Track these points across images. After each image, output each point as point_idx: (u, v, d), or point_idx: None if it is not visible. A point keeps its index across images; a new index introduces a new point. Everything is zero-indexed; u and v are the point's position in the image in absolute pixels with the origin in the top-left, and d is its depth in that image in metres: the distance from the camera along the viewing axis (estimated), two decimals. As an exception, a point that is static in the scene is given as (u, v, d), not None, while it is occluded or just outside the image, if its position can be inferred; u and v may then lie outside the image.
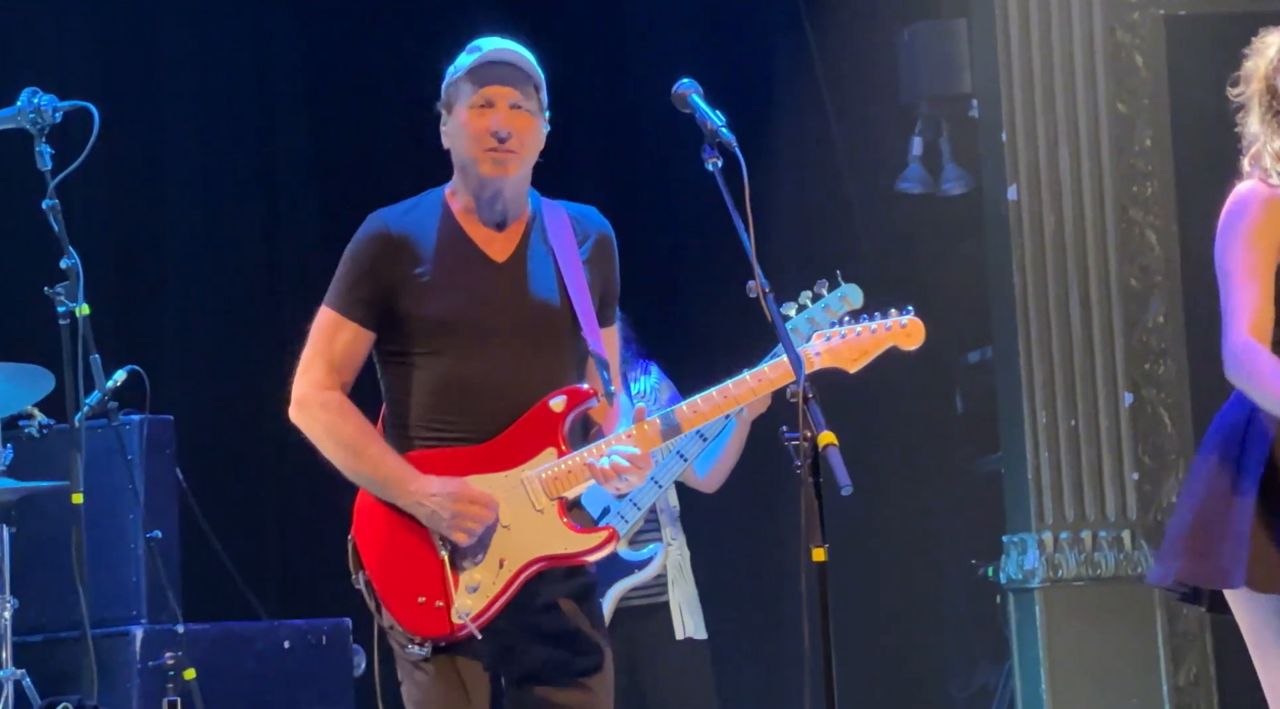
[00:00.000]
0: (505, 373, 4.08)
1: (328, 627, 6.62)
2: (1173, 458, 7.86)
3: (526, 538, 4.05)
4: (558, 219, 4.22)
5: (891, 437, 8.23)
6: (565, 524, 4.07)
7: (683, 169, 4.33)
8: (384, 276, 4.14)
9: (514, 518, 4.06)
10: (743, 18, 8.46)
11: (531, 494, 4.07)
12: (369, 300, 4.15)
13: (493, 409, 4.08)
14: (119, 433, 6.22)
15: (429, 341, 4.12)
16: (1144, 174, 7.92)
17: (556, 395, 4.09)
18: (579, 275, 4.16)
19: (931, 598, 8.41)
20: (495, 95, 4.14)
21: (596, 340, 4.14)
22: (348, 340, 4.17)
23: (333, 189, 8.13)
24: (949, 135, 8.33)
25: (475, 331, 4.10)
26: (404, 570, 4.08)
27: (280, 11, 8.17)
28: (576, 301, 4.13)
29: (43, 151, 5.67)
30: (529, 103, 4.15)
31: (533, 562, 4.05)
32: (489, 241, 4.18)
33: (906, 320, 4.19)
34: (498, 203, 4.17)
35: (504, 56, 4.16)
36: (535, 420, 4.08)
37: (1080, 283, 7.83)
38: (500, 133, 4.11)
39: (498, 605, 4.04)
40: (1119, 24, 7.96)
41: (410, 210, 4.23)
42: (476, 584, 4.04)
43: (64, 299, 5.65)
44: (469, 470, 4.07)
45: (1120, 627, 7.69)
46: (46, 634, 6.32)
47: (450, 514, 4.02)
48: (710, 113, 4.07)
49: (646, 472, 4.06)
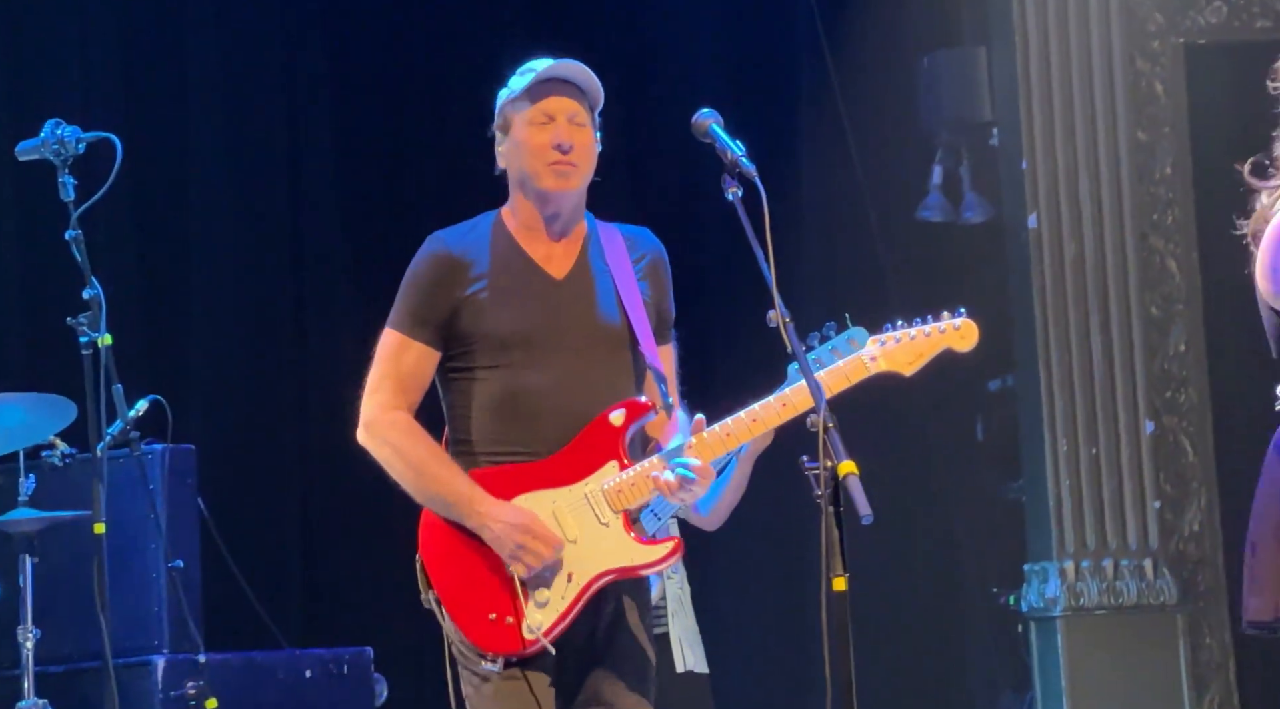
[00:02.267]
0: (566, 388, 4.12)
1: (349, 656, 6.62)
2: (1194, 486, 7.85)
3: (594, 551, 4.08)
4: (613, 238, 4.26)
5: (913, 465, 8.22)
6: (632, 537, 4.10)
7: (703, 198, 4.34)
8: (445, 295, 4.18)
9: (580, 532, 4.09)
10: (763, 46, 8.48)
11: (596, 508, 4.10)
12: (432, 320, 4.19)
13: (554, 424, 4.11)
14: (141, 463, 6.22)
15: (491, 358, 4.15)
16: (1164, 202, 7.92)
17: (616, 409, 4.11)
18: (635, 292, 4.19)
19: (954, 627, 8.39)
20: (555, 110, 4.18)
21: (654, 356, 4.17)
22: (414, 361, 4.21)
23: (359, 219, 8.15)
24: (969, 163, 8.34)
25: (536, 347, 4.13)
26: (473, 588, 4.10)
27: (307, 41, 8.20)
28: (634, 318, 4.16)
29: (66, 182, 5.67)
30: (589, 119, 4.21)
31: (601, 575, 4.08)
32: (547, 259, 4.22)
33: (960, 322, 4.21)
34: (557, 219, 4.21)
35: (563, 72, 4.21)
36: (596, 434, 4.11)
37: (1101, 311, 7.83)
38: (563, 145, 4.15)
39: (568, 619, 4.07)
40: (1139, 52, 7.96)
41: (468, 231, 4.27)
42: (546, 599, 4.07)
43: (86, 329, 5.65)
44: (532, 486, 4.10)
45: (1142, 655, 7.68)
46: (69, 664, 6.32)
47: (514, 545, 4.05)
48: (730, 142, 4.08)
49: (709, 483, 4.09)
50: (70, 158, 5.69)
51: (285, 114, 8.18)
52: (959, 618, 8.39)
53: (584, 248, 4.24)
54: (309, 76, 8.22)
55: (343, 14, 8.20)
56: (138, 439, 6.18)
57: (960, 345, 4.19)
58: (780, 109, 8.44)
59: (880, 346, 4.17)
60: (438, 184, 8.19)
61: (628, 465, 4.10)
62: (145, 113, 7.86)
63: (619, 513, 4.09)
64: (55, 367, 6.39)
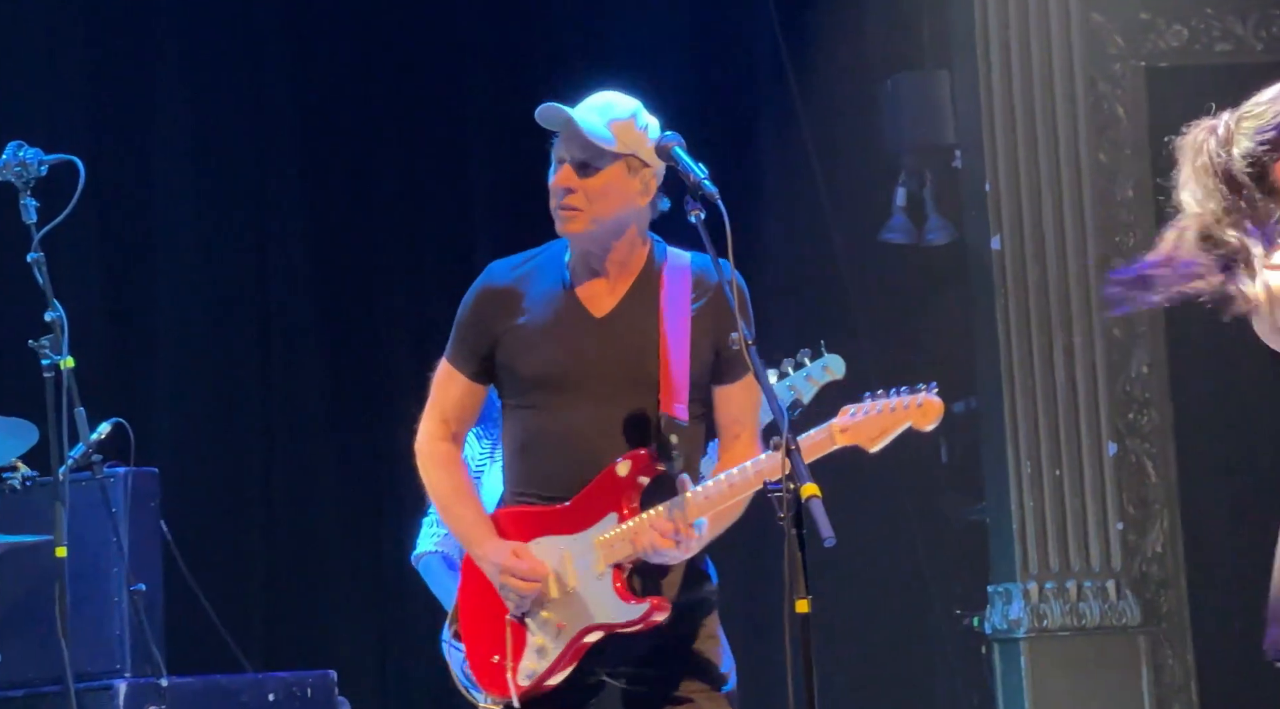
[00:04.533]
0: (589, 431, 4.08)
1: (313, 679, 6.59)
2: (1157, 507, 7.87)
3: (585, 604, 4.05)
4: (678, 271, 4.18)
5: (876, 487, 8.22)
6: (618, 591, 4.04)
7: (666, 221, 4.33)
8: (486, 328, 4.18)
9: (579, 582, 4.06)
10: (726, 69, 8.49)
11: (593, 560, 4.06)
12: (475, 353, 4.20)
13: (574, 467, 4.08)
14: (103, 486, 6.19)
15: (522, 395, 4.15)
16: (1126, 225, 7.95)
17: (623, 459, 4.06)
18: (682, 334, 4.10)
19: (917, 648, 8.40)
20: (562, 154, 4.16)
21: (675, 404, 4.06)
22: (458, 392, 4.23)
23: (324, 243, 8.14)
24: (932, 186, 8.36)
25: (564, 387, 4.10)
26: (487, 627, 4.12)
27: (274, 62, 8.19)
28: (666, 362, 4.07)
29: (28, 205, 5.66)
30: (598, 160, 4.12)
31: (588, 629, 4.05)
32: (592, 296, 4.16)
33: (923, 399, 4.03)
34: (591, 257, 4.16)
35: (555, 114, 4.16)
36: (602, 484, 4.07)
37: (1064, 333, 7.85)
38: (558, 191, 4.12)
39: (558, 670, 4.06)
40: (1100, 75, 8.00)
41: (526, 261, 4.25)
42: (541, 647, 4.07)
43: (48, 352, 5.63)
44: (544, 531, 4.09)
45: (1105, 676, 7.69)
46: (29, 689, 6.28)
47: (499, 585, 4.08)
48: (693, 165, 4.08)
49: (687, 546, 4.02)
50: (32, 180, 5.68)
51: (251, 135, 8.17)
52: (923, 639, 8.39)
53: (636, 285, 4.17)
54: (276, 98, 8.20)
55: (311, 35, 8.19)
56: (100, 462, 6.15)
57: (921, 423, 4.02)
58: (743, 131, 8.45)
59: (850, 419, 4.03)
60: (404, 204, 8.19)
61: (627, 517, 4.04)
62: (109, 135, 7.84)
63: (611, 567, 4.04)
64: (17, 389, 6.35)
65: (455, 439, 4.24)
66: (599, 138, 4.12)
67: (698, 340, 4.12)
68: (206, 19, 8.06)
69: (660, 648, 4.10)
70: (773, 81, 8.38)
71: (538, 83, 8.31)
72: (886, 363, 8.05)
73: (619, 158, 4.13)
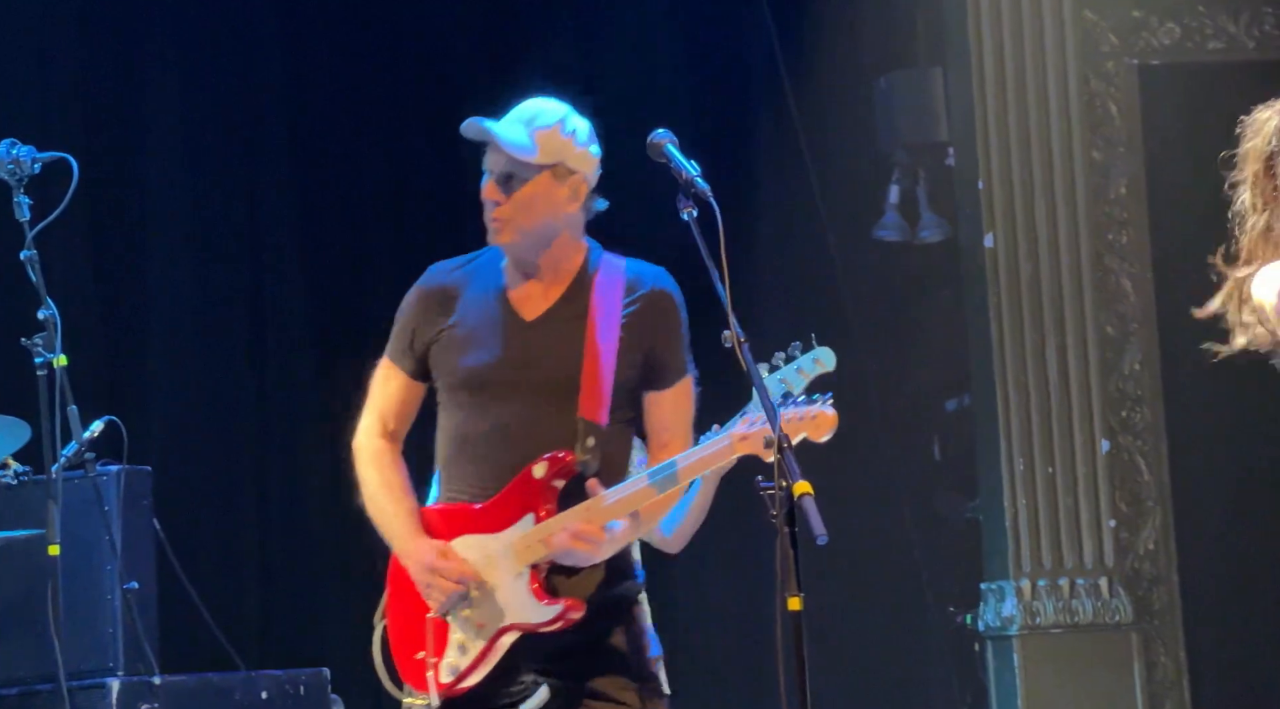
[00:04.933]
0: (514, 432, 4.12)
1: (306, 677, 6.59)
2: (1150, 505, 7.88)
3: (502, 603, 4.10)
4: (611, 276, 4.23)
5: (869, 484, 8.23)
6: (534, 592, 4.08)
7: (659, 219, 4.33)
8: (423, 329, 4.25)
9: (499, 581, 4.10)
10: (719, 67, 8.49)
11: (511, 559, 4.10)
12: (413, 351, 4.26)
13: (498, 468, 4.12)
14: (96, 484, 6.20)
15: (454, 396, 4.20)
16: (1119, 222, 7.96)
17: (539, 462, 4.09)
18: (610, 339, 4.14)
19: (910, 646, 8.40)
20: (488, 163, 4.21)
21: (593, 407, 4.11)
22: (395, 389, 4.29)
23: (316, 241, 8.14)
24: (926, 183, 8.36)
25: (491, 388, 4.15)
26: (412, 624, 4.16)
27: (265, 60, 8.19)
28: (589, 366, 4.12)
29: (21, 202, 5.66)
30: (522, 171, 4.16)
31: (505, 629, 4.10)
32: (524, 299, 4.22)
33: (817, 413, 4.03)
34: (523, 264, 4.22)
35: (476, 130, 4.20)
36: (520, 485, 4.11)
37: (1057, 330, 7.85)
38: (486, 203, 4.18)
39: (478, 668, 4.09)
40: (1093, 73, 8.00)
41: (465, 263, 4.31)
42: (463, 644, 4.11)
43: (41, 350, 5.64)
44: (468, 529, 4.13)
45: (1098, 674, 7.69)
46: (21, 687, 6.28)
47: (423, 583, 4.12)
48: (685, 162, 4.08)
49: (597, 546, 4.06)
50: (25, 178, 5.68)
51: (243, 134, 8.17)
52: (916, 637, 8.40)
53: (569, 289, 4.21)
54: (267, 95, 8.20)
55: (300, 32, 8.19)
56: (93, 460, 6.16)
57: (815, 436, 4.01)
58: (736, 129, 8.45)
59: (750, 428, 4.07)
60: (396, 202, 8.19)
61: (542, 519, 4.08)
62: (102, 133, 7.84)
63: (529, 567, 4.08)
64: (10, 387, 6.36)
65: (393, 437, 4.29)
66: (520, 151, 4.16)
67: (627, 345, 4.16)
68: (197, 16, 8.06)
69: (584, 646, 4.14)
70: (766, 79, 8.38)
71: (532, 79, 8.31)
72: (880, 360, 8.06)
73: (544, 168, 4.18)
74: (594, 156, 4.25)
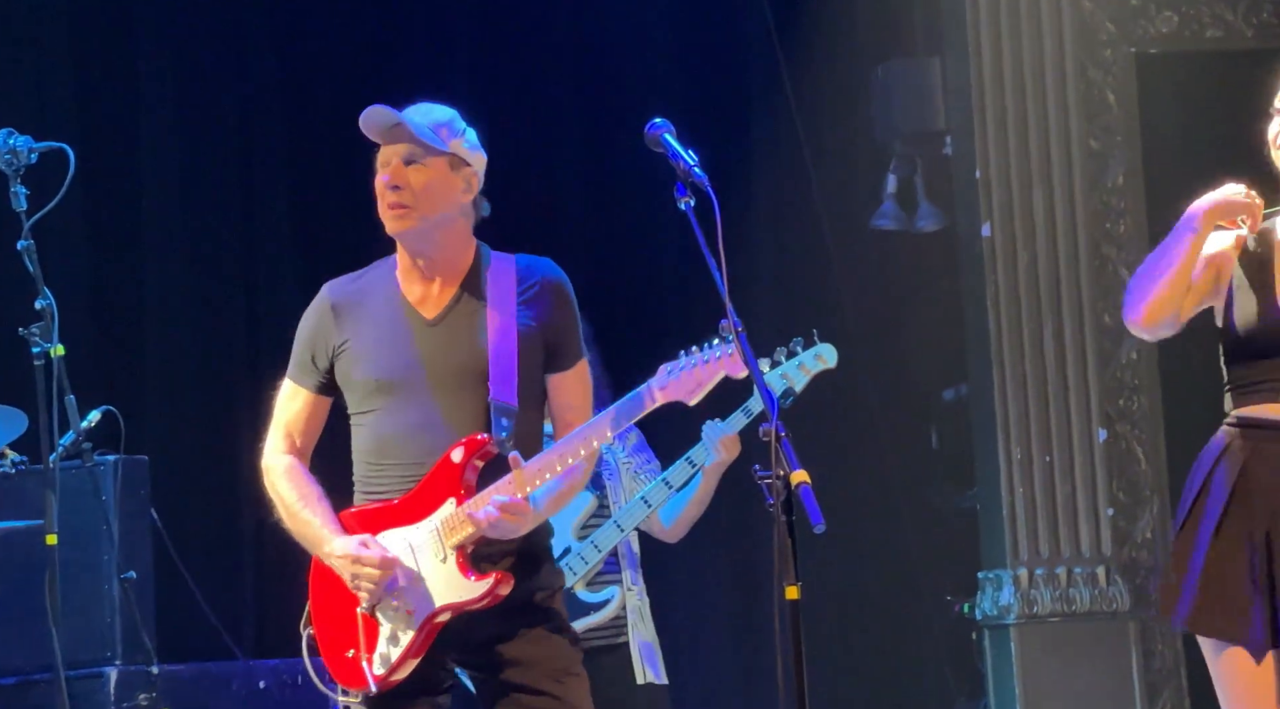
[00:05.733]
0: (427, 429, 4.21)
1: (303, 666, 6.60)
2: (1147, 494, 7.88)
3: (432, 588, 4.16)
4: (504, 271, 4.32)
5: (867, 474, 8.24)
6: (461, 570, 4.15)
7: (656, 208, 4.34)
8: (322, 345, 4.35)
9: (425, 568, 4.18)
10: (717, 56, 8.49)
11: (436, 545, 4.17)
12: (314, 368, 4.38)
13: (414, 463, 4.22)
14: (93, 474, 6.20)
15: (364, 404, 4.30)
16: (1116, 211, 7.96)
17: (456, 446, 4.18)
18: (508, 325, 4.24)
19: (907, 634, 8.41)
20: (388, 155, 4.29)
21: (502, 390, 4.19)
22: (299, 407, 4.42)
23: (312, 228, 8.14)
24: (923, 173, 8.36)
25: (400, 390, 4.24)
26: (339, 625, 4.25)
27: (259, 51, 8.18)
28: (494, 353, 4.21)
29: (18, 192, 5.66)
30: (423, 157, 4.25)
31: (437, 611, 4.16)
32: (422, 300, 4.31)
33: (733, 350, 4.10)
34: (424, 258, 4.31)
35: (383, 118, 4.26)
36: (439, 472, 4.19)
37: (1054, 319, 7.85)
38: (385, 191, 4.25)
39: (411, 654, 4.17)
40: (1091, 62, 8.00)
41: (358, 277, 4.42)
42: (393, 634, 4.19)
43: (39, 340, 5.63)
44: (389, 524, 4.22)
45: (1095, 662, 7.70)
46: (20, 676, 6.29)
47: (349, 576, 4.19)
48: (683, 152, 4.09)
49: (524, 518, 4.13)
50: (23, 167, 5.67)
51: (238, 125, 8.17)
52: (913, 626, 8.41)
53: (464, 285, 4.31)
54: (262, 86, 8.20)
55: (295, 24, 8.18)
56: (90, 450, 6.16)
57: (735, 372, 4.09)
58: (734, 119, 8.45)
59: (668, 378, 4.13)
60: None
61: (463, 501, 4.16)
62: (98, 123, 7.84)
63: (455, 549, 4.15)
64: (7, 377, 6.35)
65: (300, 452, 4.41)
66: (424, 134, 4.25)
67: (526, 330, 4.25)
68: (191, 5, 8.06)
69: (503, 634, 4.21)
70: (764, 68, 8.38)
71: (529, 69, 8.32)
72: (877, 349, 8.06)
73: (442, 154, 4.26)
74: (483, 157, 4.35)
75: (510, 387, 4.21)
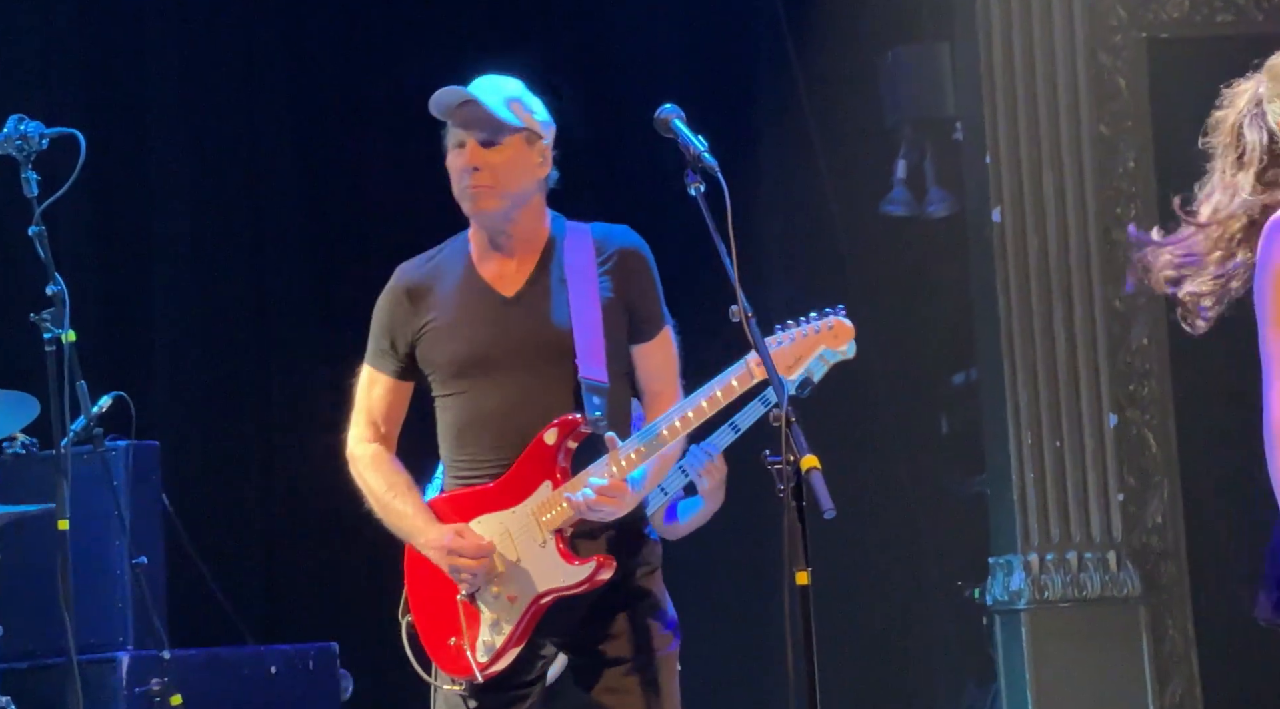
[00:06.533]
0: (516, 408, 4.16)
1: (315, 651, 6.62)
2: (1157, 479, 7.88)
3: (533, 573, 4.13)
4: (580, 242, 4.28)
5: (877, 459, 8.24)
6: (562, 555, 4.12)
7: (666, 194, 4.34)
8: (401, 329, 4.29)
9: (524, 554, 4.14)
10: (726, 41, 8.48)
11: (534, 529, 4.14)
12: (394, 353, 4.31)
13: (506, 445, 4.17)
14: (104, 459, 6.21)
15: (449, 385, 4.24)
16: (1127, 196, 7.95)
17: (549, 428, 4.14)
18: (591, 298, 4.19)
19: (917, 620, 8.41)
20: (464, 135, 4.24)
21: (591, 366, 4.15)
22: (381, 394, 4.34)
23: (320, 215, 8.15)
24: (933, 158, 8.35)
25: (486, 370, 4.19)
26: (439, 613, 4.21)
27: (267, 35, 8.18)
28: (579, 327, 4.16)
29: (29, 178, 5.66)
30: (499, 135, 4.21)
31: (539, 597, 4.13)
32: (499, 277, 4.26)
33: (834, 322, 4.16)
34: (503, 236, 4.25)
35: (456, 97, 4.23)
36: (533, 454, 4.15)
37: (1064, 304, 7.85)
38: (467, 168, 4.20)
39: (514, 643, 4.14)
40: (1101, 47, 7.99)
41: (430, 258, 4.36)
42: (495, 621, 4.15)
43: (50, 325, 5.64)
44: (483, 510, 4.17)
45: (1106, 648, 7.70)
46: (32, 661, 6.30)
47: (449, 567, 4.16)
48: (692, 137, 4.09)
49: (623, 500, 4.09)
50: (33, 153, 5.68)
51: (246, 109, 8.17)
52: (923, 611, 8.41)
53: (542, 259, 4.26)
54: (270, 70, 8.20)
55: (305, 9, 8.19)
56: (101, 435, 6.17)
57: (835, 345, 4.14)
58: (743, 104, 8.44)
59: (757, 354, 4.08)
60: (399, 172, 8.18)
61: (559, 484, 4.13)
62: (108, 108, 7.84)
63: (553, 533, 4.12)
64: (19, 363, 6.36)
65: (385, 440, 4.35)
66: (500, 113, 4.22)
67: (608, 302, 4.22)
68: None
69: (602, 613, 4.19)
70: (773, 54, 8.37)
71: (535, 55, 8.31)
72: (887, 334, 8.06)
73: (518, 131, 4.23)
74: (553, 127, 4.32)
75: (599, 363, 4.16)
